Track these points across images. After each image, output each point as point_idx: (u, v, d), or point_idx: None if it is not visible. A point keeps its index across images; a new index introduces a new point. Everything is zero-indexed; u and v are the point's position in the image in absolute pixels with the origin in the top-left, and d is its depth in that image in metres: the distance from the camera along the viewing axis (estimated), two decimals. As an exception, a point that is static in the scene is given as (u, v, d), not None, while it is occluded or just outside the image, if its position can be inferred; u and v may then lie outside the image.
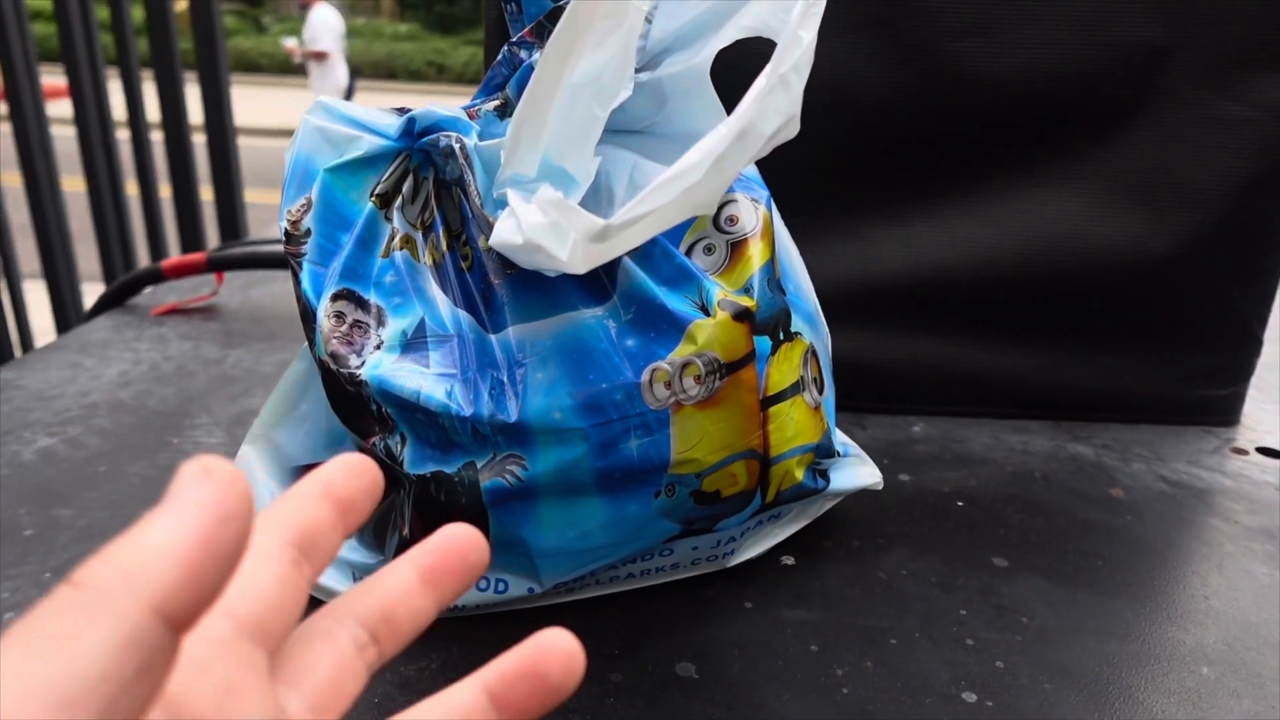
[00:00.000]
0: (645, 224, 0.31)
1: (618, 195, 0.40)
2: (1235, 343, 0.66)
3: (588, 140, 0.36)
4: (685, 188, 0.31)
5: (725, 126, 0.31)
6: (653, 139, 0.42)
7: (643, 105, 0.41)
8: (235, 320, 0.84)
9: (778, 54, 0.32)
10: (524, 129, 0.35)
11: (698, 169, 0.31)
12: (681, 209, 0.32)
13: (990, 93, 0.60)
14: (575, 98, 0.34)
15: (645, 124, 0.42)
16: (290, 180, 0.44)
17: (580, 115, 0.35)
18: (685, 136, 0.42)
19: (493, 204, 0.38)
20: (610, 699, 0.40)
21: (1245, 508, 0.57)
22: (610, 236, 0.32)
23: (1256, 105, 0.59)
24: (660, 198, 0.31)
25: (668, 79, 0.41)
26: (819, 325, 0.46)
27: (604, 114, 0.35)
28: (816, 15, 0.33)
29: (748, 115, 0.31)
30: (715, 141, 0.31)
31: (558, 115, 0.35)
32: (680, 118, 0.42)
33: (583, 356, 0.38)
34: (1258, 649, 0.44)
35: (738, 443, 0.40)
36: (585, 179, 0.36)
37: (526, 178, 0.36)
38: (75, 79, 1.45)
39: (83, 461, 0.58)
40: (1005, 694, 0.41)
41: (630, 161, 0.40)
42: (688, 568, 0.46)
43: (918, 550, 0.51)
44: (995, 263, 0.64)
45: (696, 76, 0.41)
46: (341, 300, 0.41)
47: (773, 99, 0.32)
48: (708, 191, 0.31)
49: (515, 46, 0.43)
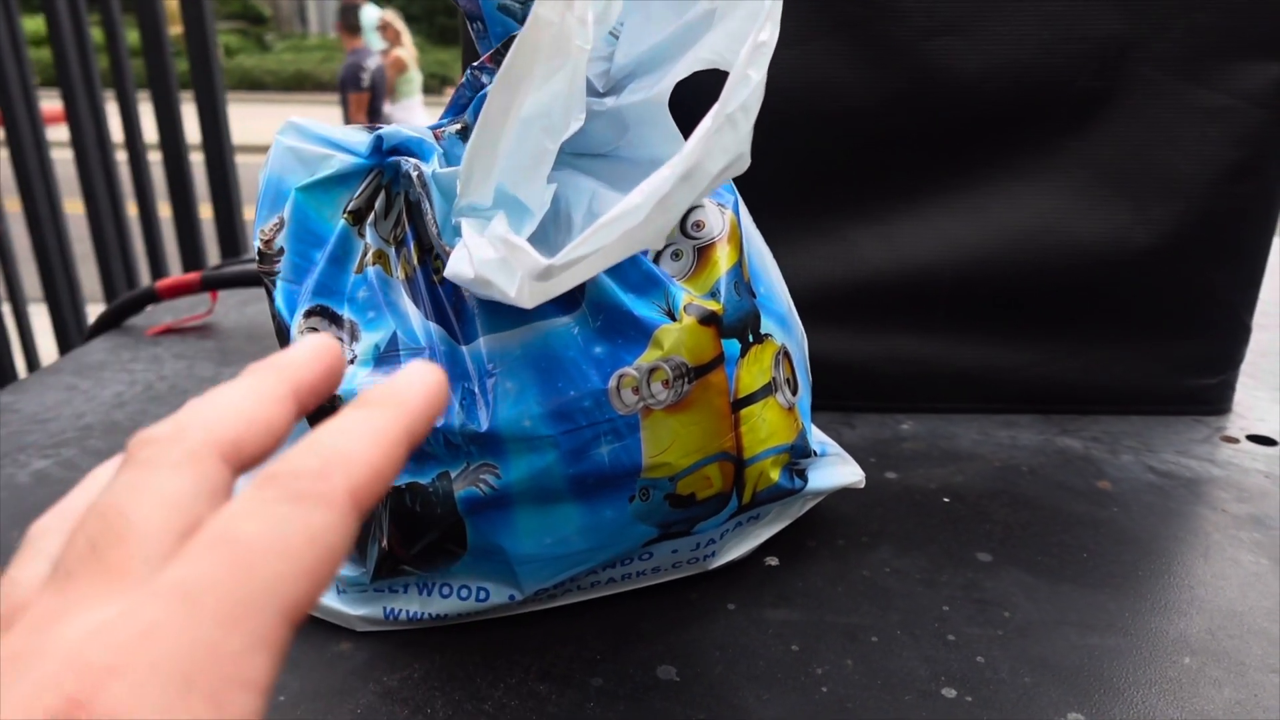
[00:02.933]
0: (588, 264, 0.32)
1: (576, 223, 0.40)
2: (1223, 331, 0.66)
3: (540, 171, 0.36)
4: (626, 229, 0.31)
5: (669, 168, 0.31)
6: (616, 163, 0.42)
7: (605, 131, 0.41)
8: (230, 338, 0.85)
9: (726, 93, 0.32)
10: (476, 160, 0.35)
11: (639, 210, 0.31)
12: (625, 248, 0.32)
13: (967, 90, 0.60)
14: (526, 130, 0.35)
15: (608, 148, 0.42)
16: (263, 200, 0.44)
17: (531, 147, 0.36)
18: (647, 161, 0.43)
19: (450, 231, 0.39)
20: (590, 703, 0.40)
21: (1234, 496, 0.57)
22: (553, 276, 0.32)
23: (1233, 92, 0.59)
24: (602, 238, 0.31)
25: (628, 108, 0.42)
26: (792, 326, 0.46)
27: (554, 146, 0.36)
28: (766, 54, 0.33)
29: (693, 156, 0.31)
30: (659, 183, 0.31)
31: (510, 147, 0.35)
32: (641, 144, 0.42)
33: (551, 365, 0.38)
34: (1241, 637, 0.44)
35: (710, 445, 0.41)
36: (539, 208, 0.37)
37: (482, 206, 0.36)
38: (71, 102, 1.46)
39: (76, 482, 0.59)
40: (985, 689, 0.41)
41: (590, 190, 0.41)
42: (669, 571, 0.46)
43: (902, 547, 0.51)
44: (978, 259, 0.64)
45: (655, 107, 0.42)
46: (315, 316, 0.42)
47: (719, 138, 0.31)
48: (651, 231, 0.32)
49: (477, 70, 0.44)
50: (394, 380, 0.20)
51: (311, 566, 0.16)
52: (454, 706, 0.40)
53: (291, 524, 0.16)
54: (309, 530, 0.17)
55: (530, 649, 0.43)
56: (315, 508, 0.17)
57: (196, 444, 0.18)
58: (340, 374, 0.22)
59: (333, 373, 0.22)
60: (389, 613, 0.43)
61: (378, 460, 0.18)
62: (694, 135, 0.31)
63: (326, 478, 0.17)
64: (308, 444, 0.18)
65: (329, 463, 0.18)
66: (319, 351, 0.21)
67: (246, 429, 0.19)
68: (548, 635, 0.44)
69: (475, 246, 0.34)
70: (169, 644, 0.15)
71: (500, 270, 0.33)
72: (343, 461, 0.18)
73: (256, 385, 0.20)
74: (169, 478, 0.18)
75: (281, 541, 0.16)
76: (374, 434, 0.19)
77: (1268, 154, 0.60)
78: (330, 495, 0.17)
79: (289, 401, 0.20)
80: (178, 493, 0.18)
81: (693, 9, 0.39)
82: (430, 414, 0.20)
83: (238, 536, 0.16)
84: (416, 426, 0.19)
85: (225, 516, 0.17)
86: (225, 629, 0.15)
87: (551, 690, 0.41)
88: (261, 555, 0.16)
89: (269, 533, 0.16)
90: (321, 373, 0.21)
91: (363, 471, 0.18)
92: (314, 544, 0.17)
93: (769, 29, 0.33)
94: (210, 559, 0.16)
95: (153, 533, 0.17)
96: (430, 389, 0.20)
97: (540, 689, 0.41)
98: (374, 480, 0.18)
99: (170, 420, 0.19)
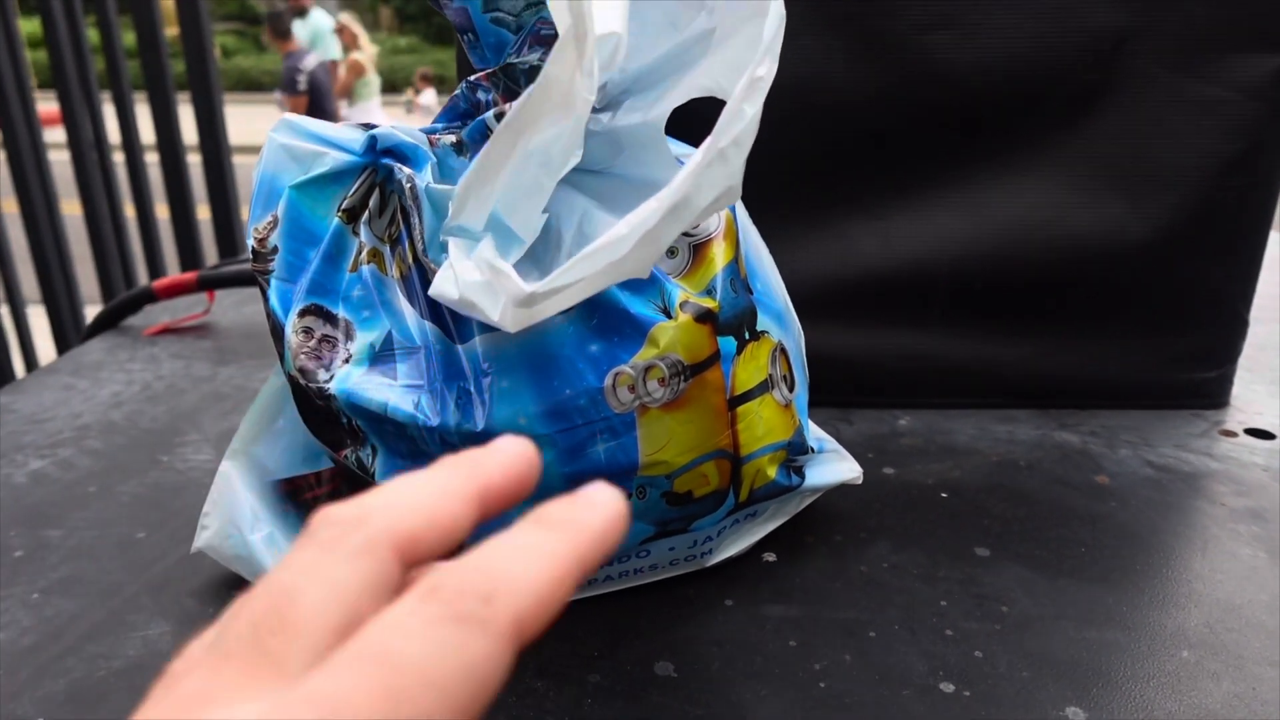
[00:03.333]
0: (571, 292, 0.32)
1: (565, 241, 0.40)
2: (1220, 324, 0.66)
3: (534, 202, 0.36)
4: (611, 261, 0.31)
5: (657, 200, 0.31)
6: (610, 180, 0.42)
7: (600, 149, 0.41)
8: (227, 338, 0.85)
9: (720, 126, 0.32)
10: (473, 190, 0.35)
11: (625, 242, 0.31)
12: (609, 279, 0.32)
13: (962, 84, 0.60)
14: (525, 163, 0.35)
15: (603, 166, 0.42)
16: (257, 198, 0.44)
17: (529, 181, 0.36)
18: (641, 182, 0.42)
19: (437, 249, 0.39)
20: (588, 700, 0.40)
21: (1232, 490, 0.57)
22: (535, 303, 0.32)
23: (1228, 85, 0.59)
24: (586, 268, 0.31)
25: (624, 129, 0.41)
26: (789, 323, 0.46)
27: (551, 184, 0.36)
28: (763, 89, 0.32)
29: (682, 189, 0.31)
30: (646, 215, 0.31)
31: (507, 177, 0.35)
32: (636, 165, 0.42)
33: (546, 363, 0.38)
34: (1239, 630, 0.44)
35: (706, 443, 0.41)
36: (529, 236, 0.37)
37: (473, 230, 0.36)
38: (67, 103, 1.46)
39: (73, 482, 0.59)
40: (983, 683, 0.41)
41: (581, 208, 0.41)
42: (666, 568, 0.46)
43: (900, 543, 0.51)
44: (974, 253, 0.64)
45: (652, 129, 0.42)
46: (309, 315, 0.42)
47: (710, 173, 0.31)
48: (636, 262, 0.31)
49: (472, 85, 0.44)
50: (576, 501, 0.20)
51: (463, 701, 0.16)
52: (452, 705, 0.40)
53: (450, 650, 0.16)
54: (466, 659, 0.16)
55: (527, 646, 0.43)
56: (478, 635, 0.16)
57: (377, 534, 0.18)
58: (533, 484, 0.21)
59: (525, 481, 0.21)
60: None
61: (546, 589, 0.17)
62: (685, 169, 0.31)
63: (492, 603, 0.17)
64: (478, 561, 0.17)
65: (498, 587, 0.17)
66: (516, 457, 0.21)
67: (428, 527, 0.19)
68: (545, 632, 0.44)
69: (462, 269, 0.35)
70: None
71: (484, 293, 0.33)
72: (512, 587, 0.17)
73: (446, 481, 0.19)
74: (343, 566, 0.17)
75: (437, 670, 0.16)
76: (547, 559, 0.18)
77: (1263, 147, 0.60)
78: (494, 623, 0.16)
79: (474, 503, 0.20)
80: (348, 584, 0.17)
81: (691, 25, 0.39)
82: (608, 542, 0.19)
83: (393, 656, 0.16)
84: (591, 554, 0.19)
85: (385, 628, 0.16)
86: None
87: (549, 687, 0.41)
88: (414, 682, 0.15)
89: (425, 657, 0.16)
90: (515, 479, 0.20)
91: (530, 601, 0.17)
92: (469, 676, 0.16)
93: (767, 64, 0.33)
94: (363, 676, 0.15)
95: (315, 626, 0.16)
96: (611, 516, 0.19)
97: (537, 686, 0.41)
98: (540, 611, 0.17)
99: (355, 503, 0.19)
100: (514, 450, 0.21)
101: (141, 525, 0.54)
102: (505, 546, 0.18)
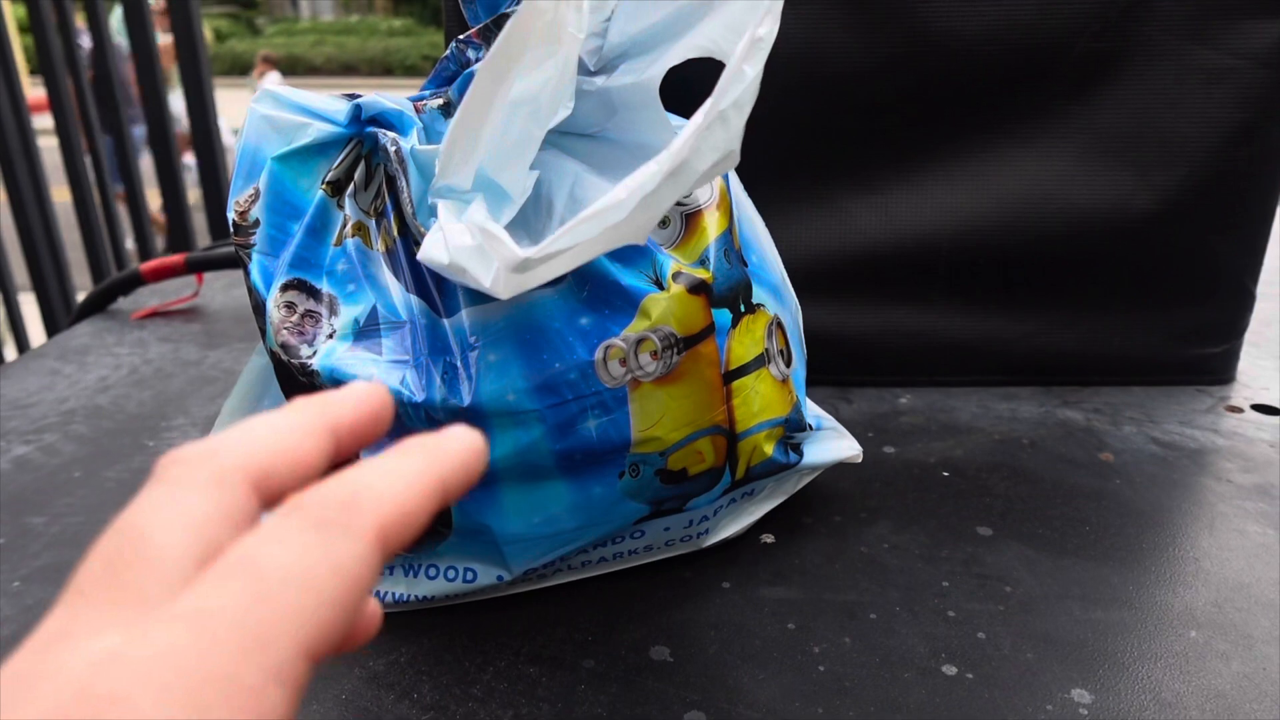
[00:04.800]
0: (566, 258, 0.30)
1: (557, 208, 0.39)
2: (1226, 298, 0.64)
3: (524, 157, 0.35)
4: (608, 225, 0.30)
5: (656, 164, 0.29)
6: (602, 144, 0.41)
7: (593, 111, 0.40)
8: (216, 320, 0.84)
9: (720, 88, 0.30)
10: (458, 142, 0.34)
11: (623, 207, 0.29)
12: (606, 244, 0.30)
13: (964, 53, 0.58)
14: (513, 115, 0.34)
15: (595, 129, 0.41)
16: (238, 171, 0.43)
17: (517, 133, 0.34)
18: (634, 145, 0.41)
19: (426, 211, 0.38)
20: (582, 686, 0.39)
21: (1239, 466, 0.56)
22: (530, 269, 0.31)
23: (1237, 52, 0.57)
24: (583, 233, 0.30)
25: (617, 90, 0.40)
26: (785, 296, 0.45)
27: (541, 133, 0.35)
28: (764, 50, 0.31)
29: (682, 153, 0.30)
30: (645, 178, 0.29)
31: (494, 131, 0.34)
32: (629, 128, 0.41)
33: (536, 336, 0.37)
34: (1248, 609, 0.43)
35: (701, 419, 0.39)
36: (520, 195, 0.35)
37: (461, 189, 0.35)
38: (54, 87, 1.44)
39: (57, 468, 0.58)
40: (986, 665, 0.40)
41: (573, 173, 0.39)
42: (661, 549, 0.45)
43: (901, 523, 0.50)
44: (976, 228, 0.62)
45: (646, 91, 0.40)
46: (292, 290, 0.40)
47: (710, 136, 0.30)
48: (634, 227, 0.30)
49: (463, 44, 0.42)
50: (436, 434, 0.20)
51: (334, 598, 0.16)
52: (442, 690, 0.39)
53: (315, 553, 0.16)
54: (333, 560, 0.16)
55: (520, 631, 0.42)
56: (341, 538, 0.16)
57: (226, 467, 0.18)
58: (387, 422, 0.21)
59: (378, 419, 0.21)
60: (374, 595, 0.42)
61: (408, 501, 0.18)
62: (684, 131, 0.30)
63: (355, 509, 0.17)
64: (339, 477, 0.18)
65: (358, 495, 0.17)
66: (367, 395, 0.21)
67: (279, 459, 0.19)
68: (538, 616, 0.43)
69: (452, 232, 0.33)
70: (179, 674, 0.14)
71: (476, 258, 0.32)
72: (374, 495, 0.17)
73: (295, 418, 0.20)
74: (194, 498, 0.17)
75: (304, 571, 0.16)
76: (407, 475, 0.18)
77: (1272, 116, 0.59)
78: (358, 527, 0.17)
79: (326, 438, 0.20)
80: (201, 515, 0.17)
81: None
82: (467, 471, 0.20)
83: (259, 563, 0.16)
84: (451, 479, 0.19)
85: (248, 542, 0.16)
86: (240, 661, 0.14)
87: (542, 673, 0.40)
88: (282, 584, 0.15)
89: (292, 561, 0.16)
90: (366, 417, 0.21)
91: (392, 508, 0.17)
92: (337, 575, 0.16)
93: (769, 24, 0.31)
94: (228, 586, 0.15)
95: (170, 555, 0.16)
96: (470, 447, 0.20)
97: (530, 671, 0.40)
98: (403, 519, 0.17)
99: (202, 442, 0.18)
100: (366, 388, 0.21)
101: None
102: (366, 467, 0.18)
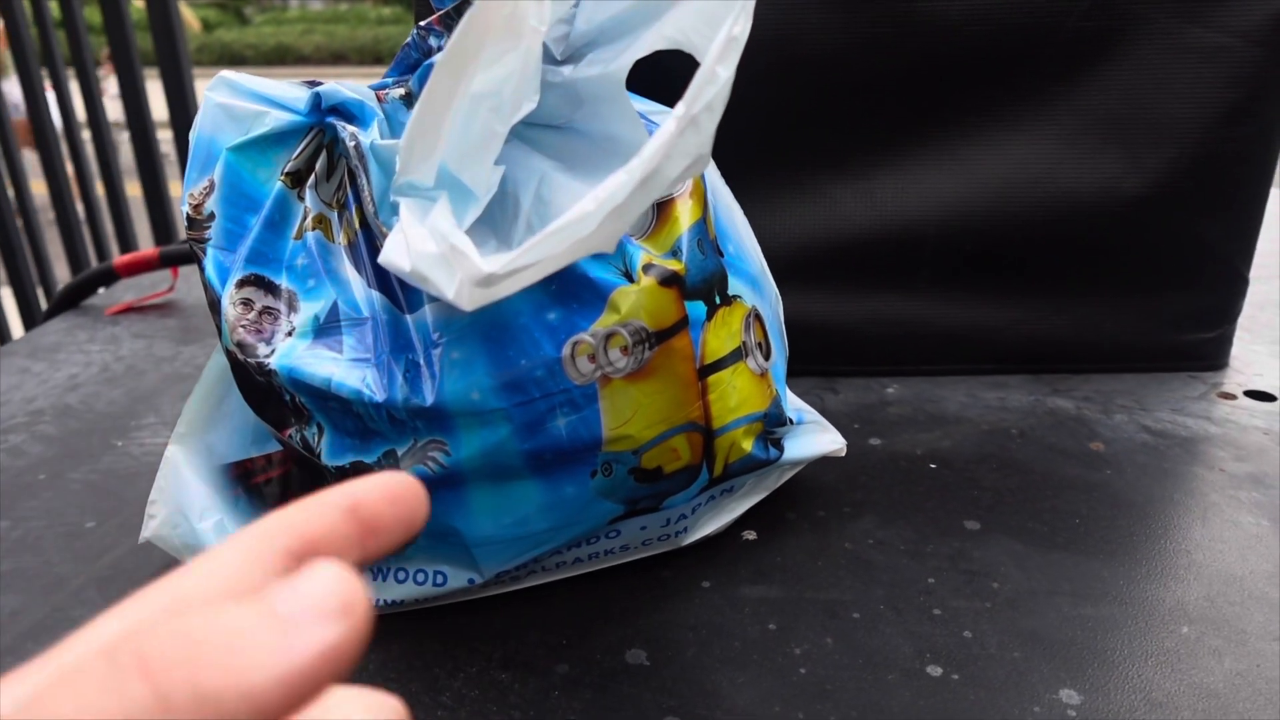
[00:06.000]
0: (532, 271, 0.29)
1: (523, 207, 0.37)
2: (1219, 283, 0.63)
3: (487, 153, 0.33)
4: (577, 238, 0.28)
5: (626, 173, 0.28)
6: (570, 136, 0.39)
7: (559, 103, 0.38)
8: (192, 315, 0.82)
9: (691, 91, 0.29)
10: (418, 138, 0.32)
11: (591, 219, 0.28)
12: (573, 256, 0.29)
13: (949, 33, 0.56)
14: (474, 109, 0.32)
15: (562, 120, 0.39)
16: (193, 162, 0.41)
17: (479, 128, 0.32)
18: (602, 137, 0.39)
19: (388, 209, 0.36)
20: (555, 692, 0.38)
21: (1232, 455, 0.55)
22: (495, 284, 0.29)
23: (1229, 30, 0.56)
24: (550, 247, 0.28)
25: (584, 82, 0.38)
26: (764, 287, 0.44)
27: (504, 129, 0.33)
28: (736, 50, 0.29)
29: (653, 161, 0.28)
30: (614, 189, 0.28)
31: (455, 125, 0.32)
32: (596, 119, 0.39)
33: (501, 333, 0.36)
34: (1241, 603, 0.42)
35: (675, 415, 0.38)
36: (485, 192, 0.34)
37: (423, 186, 0.33)
38: (28, 80, 1.42)
39: (23, 470, 0.56)
40: (972, 665, 0.38)
41: (540, 171, 0.38)
42: (638, 549, 0.43)
43: (886, 517, 0.49)
44: (963, 213, 0.61)
45: (614, 82, 0.39)
46: (249, 286, 0.39)
47: (682, 141, 0.28)
48: (603, 237, 0.29)
49: (424, 31, 0.40)
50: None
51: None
52: (411, 698, 0.37)
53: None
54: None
55: (492, 635, 0.41)
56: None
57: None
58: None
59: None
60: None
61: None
62: (654, 139, 0.28)
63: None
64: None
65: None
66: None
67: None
68: (511, 620, 0.42)
69: (415, 237, 0.31)
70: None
71: (440, 268, 0.30)
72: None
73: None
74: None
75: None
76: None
77: (1265, 95, 0.57)
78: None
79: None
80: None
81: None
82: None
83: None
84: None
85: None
86: None
87: (514, 679, 0.38)
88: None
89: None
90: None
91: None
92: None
93: (743, 22, 0.30)
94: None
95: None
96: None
97: (502, 678, 0.38)
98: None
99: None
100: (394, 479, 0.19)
101: (92, 514, 0.51)
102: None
